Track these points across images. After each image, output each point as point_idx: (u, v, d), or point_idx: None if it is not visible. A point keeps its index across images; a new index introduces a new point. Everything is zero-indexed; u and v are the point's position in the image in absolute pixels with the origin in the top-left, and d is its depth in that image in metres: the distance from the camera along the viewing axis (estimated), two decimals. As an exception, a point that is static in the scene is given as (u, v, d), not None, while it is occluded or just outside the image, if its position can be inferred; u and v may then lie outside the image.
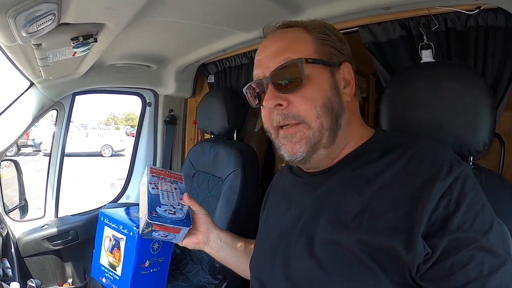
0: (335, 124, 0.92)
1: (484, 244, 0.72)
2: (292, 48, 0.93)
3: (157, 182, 1.19)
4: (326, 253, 0.85)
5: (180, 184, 1.25)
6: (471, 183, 0.77)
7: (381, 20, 1.52)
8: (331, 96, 0.92)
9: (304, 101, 0.90)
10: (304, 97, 0.90)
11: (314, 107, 0.90)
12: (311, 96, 0.90)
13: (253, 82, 1.00)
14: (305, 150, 0.91)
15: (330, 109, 0.91)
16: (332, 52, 0.95)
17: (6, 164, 2.62)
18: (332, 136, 0.92)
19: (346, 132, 0.95)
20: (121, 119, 46.60)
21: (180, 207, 1.17)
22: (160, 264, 1.38)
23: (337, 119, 0.92)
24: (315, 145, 0.91)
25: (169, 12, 1.55)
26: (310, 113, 0.90)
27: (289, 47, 0.93)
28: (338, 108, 0.93)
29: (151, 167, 1.23)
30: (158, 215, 1.09)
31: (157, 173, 1.22)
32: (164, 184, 1.20)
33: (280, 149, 0.97)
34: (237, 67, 2.60)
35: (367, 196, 0.83)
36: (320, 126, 0.90)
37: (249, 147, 2.45)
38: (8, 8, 1.02)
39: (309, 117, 0.90)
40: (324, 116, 0.90)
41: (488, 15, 1.28)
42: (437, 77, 1.15)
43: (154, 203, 1.12)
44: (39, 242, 2.46)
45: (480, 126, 1.08)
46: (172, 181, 1.23)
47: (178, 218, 1.13)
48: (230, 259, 1.29)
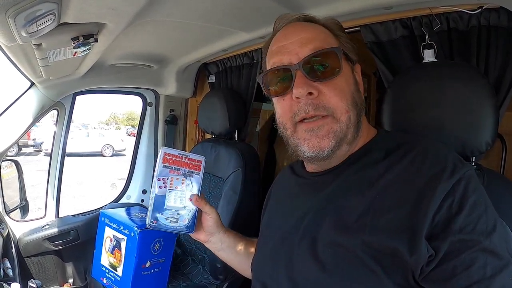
0: (359, 120, 0.92)
1: (487, 246, 0.72)
2: (321, 39, 0.92)
3: (167, 177, 1.08)
4: (329, 255, 0.85)
5: (195, 176, 1.14)
6: (474, 184, 0.77)
7: (383, 19, 1.52)
8: (355, 92, 0.93)
9: (336, 92, 0.89)
10: (335, 88, 0.89)
11: (346, 100, 0.89)
12: (342, 88, 0.90)
13: (277, 67, 0.94)
14: (333, 145, 0.88)
15: (356, 104, 0.91)
16: (352, 50, 0.96)
17: (7, 164, 2.62)
18: (355, 132, 0.91)
19: (360, 131, 0.95)
20: (122, 119, 46.65)
21: (186, 211, 1.11)
22: (161, 264, 1.37)
23: (360, 114, 0.92)
24: (341, 140, 0.89)
25: (170, 12, 1.54)
26: (341, 105, 0.89)
27: (319, 37, 0.92)
28: (360, 104, 0.93)
29: (166, 151, 1.09)
30: (158, 224, 1.06)
31: (171, 161, 1.10)
32: (175, 179, 1.10)
33: (300, 145, 0.92)
34: (238, 67, 2.60)
35: (370, 197, 0.83)
36: (348, 120, 0.89)
37: (250, 147, 2.45)
38: (8, 8, 1.02)
39: (340, 110, 0.88)
40: (352, 110, 0.90)
41: (491, 14, 1.27)
42: (440, 77, 1.14)
43: (158, 207, 1.07)
44: (39, 242, 2.46)
45: (483, 126, 1.08)
46: (186, 173, 1.12)
47: (179, 227, 1.09)
48: (230, 260, 1.29)
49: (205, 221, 1.16)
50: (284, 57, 0.92)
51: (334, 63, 0.89)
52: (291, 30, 0.96)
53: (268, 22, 1.69)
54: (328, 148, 0.88)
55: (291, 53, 0.91)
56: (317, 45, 0.89)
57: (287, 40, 0.93)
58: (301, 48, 0.90)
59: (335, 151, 0.89)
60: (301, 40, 0.91)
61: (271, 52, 0.98)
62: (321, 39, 0.91)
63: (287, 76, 0.91)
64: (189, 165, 1.14)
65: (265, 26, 1.81)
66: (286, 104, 0.93)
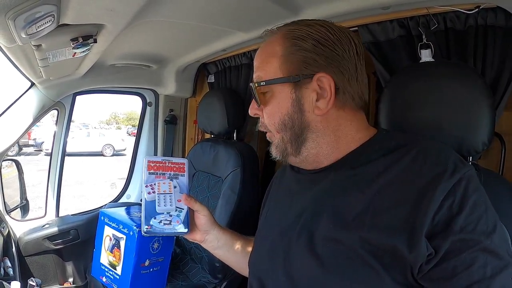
0: (298, 138, 0.95)
1: (488, 246, 0.72)
2: (262, 67, 0.97)
3: (154, 182, 1.13)
4: (327, 251, 0.85)
5: (181, 177, 1.18)
6: (474, 184, 0.77)
7: (380, 19, 1.52)
8: (292, 113, 0.93)
9: (267, 116, 0.98)
10: (266, 112, 0.98)
11: (274, 123, 0.96)
12: (271, 113, 0.96)
13: None
14: (278, 154, 1.00)
15: (290, 125, 0.94)
16: (303, 63, 0.91)
17: (8, 163, 2.63)
18: (296, 147, 0.96)
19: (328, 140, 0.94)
20: (122, 119, 46.69)
21: (178, 212, 1.13)
22: (160, 263, 1.38)
23: (300, 133, 0.94)
24: (283, 151, 0.98)
25: (169, 12, 1.55)
26: (272, 127, 0.98)
27: (261, 66, 0.97)
28: (300, 124, 0.93)
29: (149, 159, 1.15)
30: (152, 228, 1.07)
31: (155, 167, 1.15)
32: (162, 184, 1.14)
33: None
34: (237, 67, 2.60)
35: (369, 195, 0.83)
36: (281, 139, 0.97)
37: (249, 147, 2.46)
38: (8, 10, 1.02)
39: (273, 130, 0.99)
40: (283, 131, 0.96)
41: (488, 14, 1.27)
42: (436, 77, 1.14)
43: (149, 212, 1.09)
44: (40, 242, 2.47)
45: (480, 126, 1.08)
46: (172, 176, 1.16)
47: (173, 228, 1.10)
48: (227, 258, 1.29)
49: (198, 219, 1.16)
50: None
51: (258, 95, 0.96)
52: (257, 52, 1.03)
53: (267, 23, 1.70)
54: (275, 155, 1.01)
55: None
56: (258, 75, 0.97)
57: None
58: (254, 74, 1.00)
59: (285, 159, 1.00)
60: (255, 66, 1.00)
61: None
62: (262, 68, 0.97)
63: None
64: (173, 169, 1.17)
65: (263, 27, 1.80)
66: None
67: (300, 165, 1.01)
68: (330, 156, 0.95)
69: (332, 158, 0.95)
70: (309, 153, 0.95)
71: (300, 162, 0.99)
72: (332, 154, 0.95)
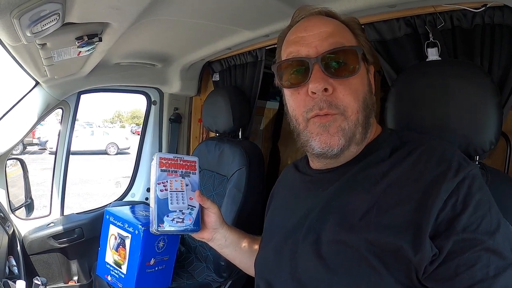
0: (367, 121, 0.91)
1: (491, 245, 0.71)
2: (342, 35, 0.90)
3: (166, 180, 1.10)
4: (333, 253, 0.84)
5: (192, 176, 1.17)
6: (478, 183, 0.77)
7: (387, 18, 1.51)
8: (368, 93, 0.91)
9: (351, 91, 0.87)
10: (350, 87, 0.87)
11: (358, 100, 0.88)
12: (357, 88, 0.88)
13: (294, 58, 0.92)
14: (343, 143, 0.88)
15: (366, 105, 0.90)
16: (369, 50, 0.94)
17: (12, 162, 2.63)
18: (363, 133, 0.90)
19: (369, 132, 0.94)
20: (126, 117, 46.86)
21: (190, 210, 1.12)
22: (165, 262, 1.38)
23: (369, 116, 0.91)
24: (350, 139, 0.88)
25: (174, 10, 1.55)
26: (353, 105, 0.87)
27: (340, 33, 0.90)
28: (371, 106, 0.92)
29: (161, 156, 1.12)
30: (166, 226, 1.06)
31: (167, 164, 1.12)
32: (174, 181, 1.12)
33: (311, 140, 0.91)
34: (242, 66, 2.59)
35: (374, 195, 0.82)
36: (357, 120, 0.88)
37: (254, 145, 2.45)
38: (13, 9, 1.03)
39: (351, 109, 0.87)
40: (362, 111, 0.89)
41: (495, 12, 1.26)
42: (443, 76, 1.14)
43: (162, 210, 1.07)
44: (44, 240, 2.48)
45: (487, 125, 1.07)
46: (184, 174, 1.15)
47: (186, 226, 1.10)
48: (234, 257, 1.29)
49: (208, 217, 1.16)
50: (302, 49, 0.90)
51: (353, 62, 0.87)
52: (312, 22, 0.94)
53: (272, 21, 1.69)
54: (338, 146, 0.87)
55: (310, 45, 0.89)
56: (338, 41, 0.88)
57: (307, 32, 0.91)
58: (321, 42, 0.88)
59: (344, 151, 0.89)
60: (322, 34, 0.89)
61: (288, 41, 0.96)
62: (342, 35, 0.90)
63: (303, 68, 0.90)
64: (185, 166, 1.16)
65: (268, 25, 1.81)
66: (301, 98, 0.91)
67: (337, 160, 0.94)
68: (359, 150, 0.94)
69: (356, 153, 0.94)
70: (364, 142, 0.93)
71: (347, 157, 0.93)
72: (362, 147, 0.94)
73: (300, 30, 0.93)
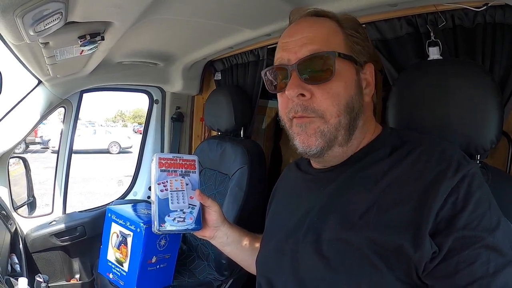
0: (353, 124, 0.91)
1: (491, 242, 0.71)
2: (324, 39, 0.90)
3: (166, 180, 1.11)
4: (333, 251, 0.85)
5: (192, 174, 1.18)
6: (478, 182, 0.77)
7: (388, 17, 1.51)
8: (354, 96, 0.91)
9: (328, 96, 0.88)
10: (329, 92, 0.88)
11: (337, 104, 0.88)
12: (336, 92, 0.88)
13: (276, 65, 0.96)
14: (320, 145, 0.89)
15: (351, 108, 0.90)
16: (360, 51, 0.94)
17: (15, 161, 2.64)
18: (347, 135, 0.91)
19: (362, 131, 0.95)
20: (128, 116, 46.94)
21: (190, 209, 1.13)
22: (167, 260, 1.38)
23: (355, 119, 0.91)
24: (330, 141, 0.90)
25: (176, 10, 1.55)
26: (332, 109, 0.88)
27: (321, 37, 0.91)
28: (358, 108, 0.92)
29: (160, 156, 1.13)
30: (167, 226, 1.07)
31: (167, 164, 1.13)
32: (174, 181, 1.13)
33: (294, 139, 0.94)
34: (243, 65, 2.60)
35: (375, 194, 0.83)
36: (338, 124, 0.89)
37: (256, 144, 2.45)
38: (16, 8, 1.03)
39: (329, 112, 0.88)
40: (344, 114, 0.89)
41: (496, 12, 1.26)
42: (445, 75, 1.14)
43: (163, 210, 1.08)
44: (47, 238, 2.48)
45: (487, 124, 1.08)
46: (184, 173, 1.16)
47: (187, 225, 1.11)
48: (235, 255, 1.29)
49: (209, 215, 1.17)
50: (285, 55, 0.92)
51: (328, 67, 0.88)
52: (297, 27, 0.95)
53: (274, 20, 1.70)
54: (315, 147, 0.90)
55: (291, 51, 0.91)
56: (315, 47, 0.89)
57: (290, 37, 0.93)
58: (300, 48, 0.90)
59: (325, 151, 0.91)
60: (302, 40, 0.90)
61: (278, 46, 0.98)
62: (322, 40, 0.90)
63: (285, 74, 0.92)
64: (184, 166, 1.17)
65: (270, 24, 1.81)
66: (284, 100, 0.94)
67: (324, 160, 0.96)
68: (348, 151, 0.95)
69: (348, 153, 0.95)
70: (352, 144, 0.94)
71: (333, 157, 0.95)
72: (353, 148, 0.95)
73: (287, 35, 0.96)
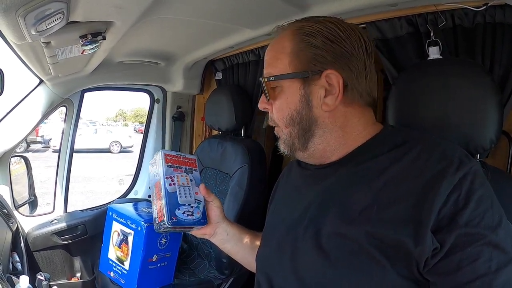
0: (306, 133, 0.96)
1: (493, 240, 0.72)
2: (272, 63, 0.98)
3: (173, 175, 1.14)
4: (333, 246, 0.85)
5: (195, 172, 1.22)
6: (480, 179, 0.77)
7: (388, 16, 1.51)
8: (300, 108, 0.95)
9: (276, 110, 0.99)
10: (276, 107, 0.99)
11: (282, 118, 0.98)
12: (281, 108, 0.98)
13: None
14: (286, 149, 1.02)
15: (297, 120, 0.96)
16: (313, 60, 0.92)
17: (16, 160, 2.65)
18: (303, 142, 0.97)
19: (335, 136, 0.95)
20: (129, 116, 46.95)
21: (197, 204, 1.15)
22: (168, 258, 1.39)
23: (308, 129, 0.96)
24: (291, 146, 1.00)
25: (177, 9, 1.55)
26: (281, 122, 0.99)
27: (271, 62, 0.99)
28: (308, 119, 0.95)
29: (165, 152, 1.17)
30: (178, 220, 1.07)
31: (172, 161, 1.17)
32: (180, 176, 1.16)
33: None
34: (244, 64, 2.60)
35: (375, 190, 0.83)
36: (289, 134, 0.99)
37: (256, 143, 2.45)
38: (18, 8, 1.03)
39: (281, 125, 1.00)
40: (291, 126, 0.97)
41: (496, 11, 1.27)
42: (444, 74, 1.14)
43: (173, 204, 1.09)
44: (48, 237, 2.49)
45: (487, 123, 1.08)
46: (188, 171, 1.20)
47: (196, 219, 1.12)
48: (235, 253, 1.30)
49: (211, 211, 1.20)
50: None
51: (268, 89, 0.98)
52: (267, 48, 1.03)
53: (274, 20, 1.70)
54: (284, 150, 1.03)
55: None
56: (268, 71, 0.99)
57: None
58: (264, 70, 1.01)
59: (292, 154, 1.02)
60: (266, 62, 1.01)
61: None
62: (271, 64, 0.99)
63: None
64: (187, 163, 1.21)
65: (270, 24, 1.81)
66: None
67: (307, 160, 1.03)
68: (337, 151, 0.96)
69: (340, 153, 0.96)
70: (316, 148, 0.97)
71: (308, 157, 1.01)
72: (339, 150, 0.96)
73: None
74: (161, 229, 1.09)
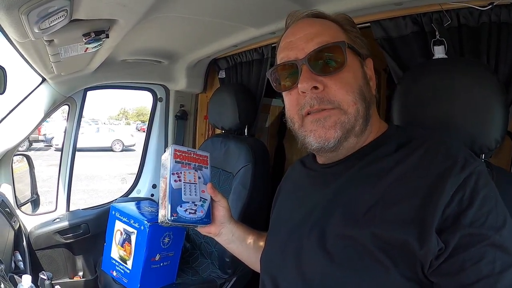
0: (367, 113, 0.92)
1: (497, 241, 0.71)
2: (329, 33, 0.92)
3: (180, 171, 1.12)
4: (338, 248, 0.85)
5: (204, 169, 1.20)
6: (485, 179, 0.76)
7: (393, 15, 1.51)
8: (363, 85, 0.92)
9: (342, 85, 0.89)
10: (341, 81, 0.89)
11: (352, 92, 0.89)
12: (349, 82, 0.90)
13: (284, 63, 0.96)
14: (339, 136, 0.89)
15: (364, 97, 0.91)
16: (361, 45, 0.96)
17: (18, 158, 2.65)
18: (364, 125, 0.91)
19: (370, 124, 0.95)
20: (132, 114, 47.01)
21: (202, 202, 1.13)
22: (170, 258, 1.39)
23: (368, 108, 0.92)
24: (348, 131, 0.89)
25: (180, 7, 1.55)
26: (348, 98, 0.89)
27: (326, 32, 0.92)
28: (369, 98, 0.93)
29: (176, 148, 1.14)
30: (178, 217, 1.06)
31: (182, 157, 1.15)
32: (188, 173, 1.14)
33: (307, 136, 0.93)
34: (248, 63, 2.59)
35: (380, 190, 0.82)
36: (356, 112, 0.89)
37: (260, 142, 2.45)
38: (21, 5, 1.03)
39: (346, 102, 0.89)
40: (360, 102, 0.90)
41: (501, 11, 1.26)
42: (449, 74, 1.14)
43: (176, 200, 1.08)
44: (50, 236, 2.49)
45: (492, 123, 1.07)
46: (197, 167, 1.18)
47: (198, 218, 1.11)
48: (240, 253, 1.30)
49: (217, 211, 1.18)
50: (291, 53, 0.93)
51: (339, 57, 0.89)
52: (299, 26, 0.97)
53: (278, 18, 1.69)
54: (334, 139, 0.89)
55: (298, 48, 0.92)
56: (323, 40, 0.90)
57: (294, 36, 0.95)
58: (307, 43, 0.91)
59: (342, 143, 0.90)
60: (308, 36, 0.92)
61: (280, 48, 0.99)
62: (327, 33, 0.92)
63: (293, 71, 0.93)
64: (198, 160, 1.19)
65: (274, 22, 1.81)
66: (293, 98, 0.94)
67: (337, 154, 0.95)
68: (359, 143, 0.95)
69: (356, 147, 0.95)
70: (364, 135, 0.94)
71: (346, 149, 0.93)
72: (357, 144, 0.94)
73: (289, 35, 0.97)
74: (164, 223, 1.09)
